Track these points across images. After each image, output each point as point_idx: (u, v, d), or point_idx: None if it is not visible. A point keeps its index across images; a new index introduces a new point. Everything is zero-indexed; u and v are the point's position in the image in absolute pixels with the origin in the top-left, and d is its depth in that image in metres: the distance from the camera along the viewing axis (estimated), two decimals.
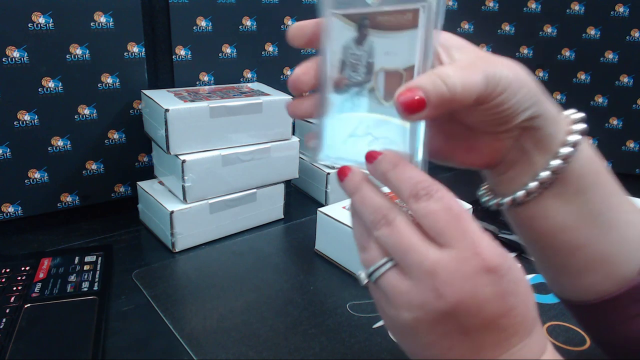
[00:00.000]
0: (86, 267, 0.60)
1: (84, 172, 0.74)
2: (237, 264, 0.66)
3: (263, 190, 0.75)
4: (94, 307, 0.53)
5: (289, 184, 0.80)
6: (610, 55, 0.94)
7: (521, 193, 0.34)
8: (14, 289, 0.55)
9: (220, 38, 0.81)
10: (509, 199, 0.34)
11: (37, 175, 0.70)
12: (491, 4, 0.96)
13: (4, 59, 0.63)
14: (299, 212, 0.81)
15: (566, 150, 0.32)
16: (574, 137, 0.32)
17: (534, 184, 0.33)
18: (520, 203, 0.34)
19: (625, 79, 0.94)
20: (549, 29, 0.95)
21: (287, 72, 0.90)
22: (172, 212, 0.66)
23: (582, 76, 0.96)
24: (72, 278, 0.57)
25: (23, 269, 0.59)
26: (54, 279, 0.57)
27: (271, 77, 0.88)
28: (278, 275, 0.64)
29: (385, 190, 0.32)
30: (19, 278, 0.57)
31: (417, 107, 0.28)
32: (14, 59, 0.64)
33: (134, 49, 0.73)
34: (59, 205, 0.73)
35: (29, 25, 0.64)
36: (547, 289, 0.40)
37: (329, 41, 0.33)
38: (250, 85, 0.83)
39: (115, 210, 0.78)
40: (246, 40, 0.83)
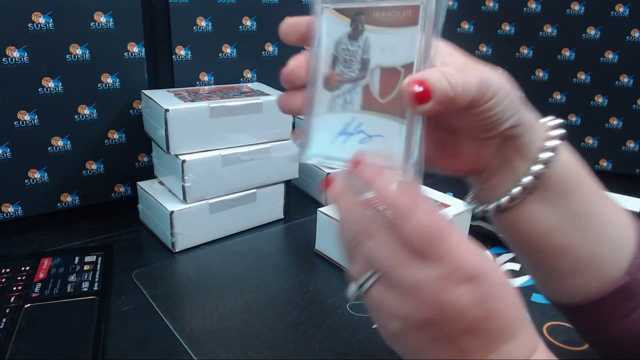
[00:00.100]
0: (86, 267, 0.60)
1: (84, 172, 0.74)
2: (237, 264, 0.66)
3: (263, 190, 0.75)
4: (94, 307, 0.53)
5: (289, 184, 0.80)
6: (610, 55, 0.94)
7: (505, 199, 0.34)
8: (14, 289, 0.55)
9: (220, 38, 0.81)
10: (493, 205, 0.35)
11: (37, 175, 0.70)
12: (491, 4, 0.96)
13: (4, 59, 0.63)
14: (299, 212, 0.81)
15: (546, 155, 0.33)
16: (553, 143, 0.34)
17: (517, 189, 0.34)
18: (505, 209, 0.35)
19: (625, 79, 0.94)
20: (549, 29, 0.95)
21: None
22: (172, 212, 0.66)
23: (582, 76, 0.96)
24: (72, 278, 0.57)
25: (23, 269, 0.59)
26: (54, 279, 0.57)
27: (271, 77, 0.88)
28: (278, 275, 0.64)
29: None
30: (19, 278, 0.57)
31: (424, 98, 0.29)
32: (14, 59, 0.64)
33: (134, 49, 0.73)
34: (59, 205, 0.73)
35: (29, 25, 0.64)
36: None
37: (320, 36, 0.32)
38: (250, 85, 0.83)
39: (115, 210, 0.78)
40: (246, 40, 0.83)
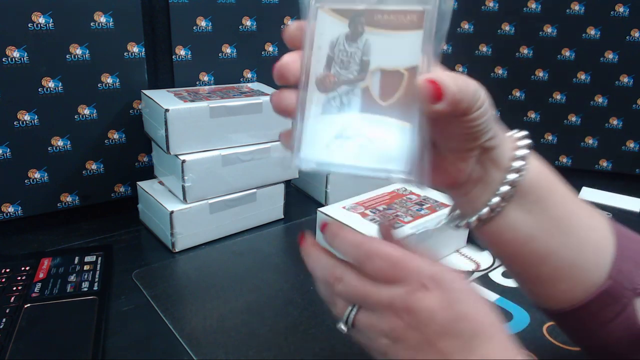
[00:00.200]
0: (86, 267, 0.60)
1: (84, 172, 0.74)
2: (237, 264, 0.66)
3: (263, 190, 0.75)
4: (94, 307, 0.53)
5: (289, 184, 0.80)
6: (610, 55, 0.94)
7: (486, 210, 0.35)
8: (14, 289, 0.55)
9: (220, 38, 0.81)
10: (475, 217, 0.36)
11: (37, 175, 0.70)
12: (491, 4, 0.96)
13: (4, 59, 0.63)
14: (299, 212, 0.81)
15: (518, 163, 0.35)
16: (522, 152, 0.35)
17: (495, 199, 0.35)
18: (486, 220, 0.36)
19: (625, 79, 0.94)
20: (549, 29, 0.95)
21: None
22: (172, 212, 0.66)
23: (582, 76, 0.96)
24: (72, 278, 0.57)
25: (23, 269, 0.59)
26: (54, 279, 0.57)
27: (271, 77, 0.86)
28: (278, 275, 0.64)
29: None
30: (19, 278, 0.57)
31: (437, 97, 0.29)
32: (14, 59, 0.64)
33: (134, 49, 0.73)
34: (59, 205, 0.73)
35: (29, 25, 0.64)
36: None
37: (314, 35, 0.31)
38: (250, 85, 0.83)
39: (115, 210, 0.78)
40: (246, 40, 0.83)
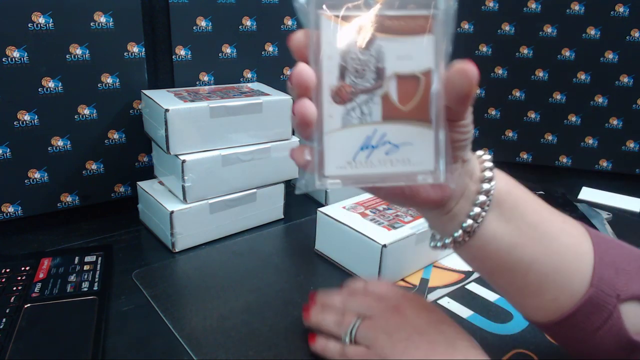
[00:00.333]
0: (86, 267, 0.60)
1: (84, 172, 0.74)
2: (237, 264, 0.66)
3: (263, 190, 0.75)
4: (94, 307, 0.53)
5: (289, 184, 0.79)
6: (610, 55, 0.94)
7: (469, 222, 0.36)
8: (14, 289, 0.55)
9: (220, 38, 0.81)
10: (460, 232, 0.37)
11: (37, 175, 0.70)
12: (491, 4, 0.96)
13: (4, 59, 0.63)
14: (299, 212, 0.81)
15: (488, 174, 0.37)
16: (488, 164, 0.37)
17: (476, 209, 0.36)
18: (470, 232, 0.37)
19: (625, 79, 0.94)
20: (549, 29, 0.95)
21: (287, 72, 0.90)
22: (172, 212, 0.66)
23: (582, 76, 0.96)
24: (72, 278, 0.57)
25: (23, 269, 0.59)
26: (54, 279, 0.57)
27: (271, 77, 0.88)
28: (278, 276, 0.64)
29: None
30: (19, 278, 0.57)
31: (476, 80, 0.30)
32: (14, 59, 0.64)
33: (134, 49, 0.73)
34: (59, 205, 0.73)
35: (29, 25, 0.64)
36: None
37: (320, 45, 0.30)
38: (250, 85, 0.83)
39: (115, 210, 0.78)
40: (246, 40, 0.83)
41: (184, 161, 0.66)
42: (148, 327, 0.53)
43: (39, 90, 0.67)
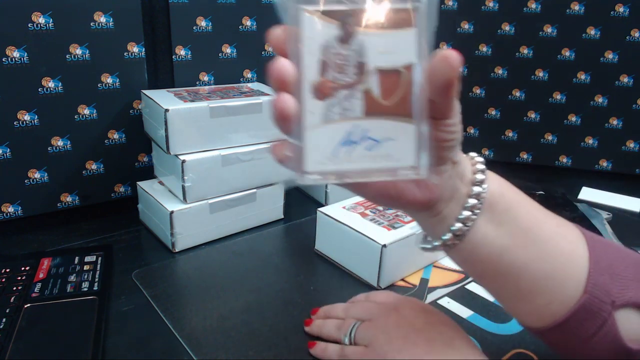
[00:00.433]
0: (86, 267, 0.60)
1: (84, 172, 0.74)
2: (237, 264, 0.66)
3: (263, 190, 0.75)
4: (94, 307, 0.53)
5: None
6: (610, 55, 0.94)
7: (458, 225, 0.36)
8: (14, 289, 0.55)
9: (220, 38, 0.81)
10: (449, 235, 0.36)
11: (37, 175, 0.70)
12: (491, 4, 0.96)
13: (4, 59, 0.63)
14: (299, 212, 0.81)
15: (480, 176, 0.36)
16: (480, 166, 0.36)
17: (466, 212, 0.35)
18: (459, 235, 0.36)
19: (625, 79, 0.94)
20: (549, 29, 0.95)
21: None
22: (172, 212, 0.66)
23: (582, 76, 0.96)
24: (72, 278, 0.57)
25: (23, 269, 0.59)
26: (54, 279, 0.57)
27: None
28: (278, 276, 0.64)
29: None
30: (19, 278, 0.57)
31: (458, 66, 0.28)
32: (14, 59, 0.64)
33: (134, 49, 0.73)
34: (59, 205, 0.73)
35: (29, 25, 0.64)
36: None
37: (300, 40, 0.29)
38: (250, 85, 0.83)
39: (115, 210, 0.78)
40: (246, 40, 0.83)
41: (184, 161, 0.66)
42: (148, 327, 0.53)
43: (39, 90, 0.67)
